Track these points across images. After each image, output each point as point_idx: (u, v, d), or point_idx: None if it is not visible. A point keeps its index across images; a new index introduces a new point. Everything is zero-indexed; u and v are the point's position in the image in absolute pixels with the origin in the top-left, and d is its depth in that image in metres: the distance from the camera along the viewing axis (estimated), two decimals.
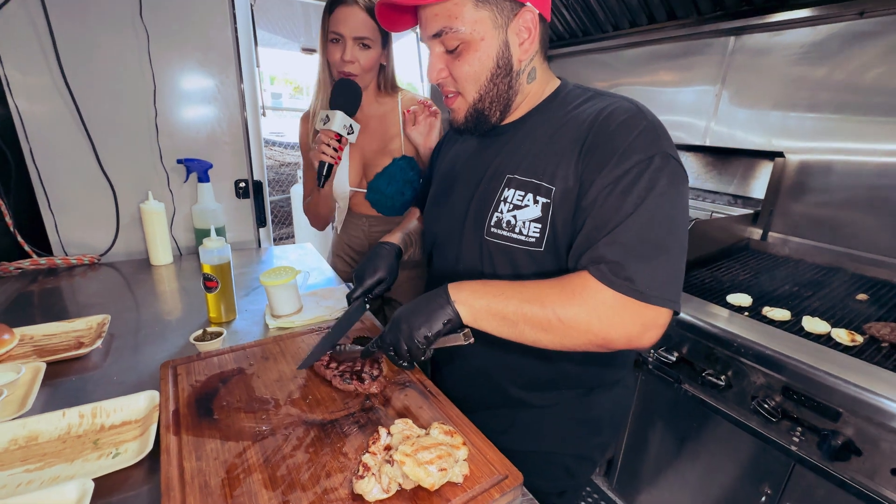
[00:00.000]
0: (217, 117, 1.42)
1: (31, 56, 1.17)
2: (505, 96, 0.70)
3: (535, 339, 0.61)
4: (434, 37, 0.66)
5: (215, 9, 1.32)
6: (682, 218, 0.61)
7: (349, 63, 1.07)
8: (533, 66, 0.71)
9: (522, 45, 0.67)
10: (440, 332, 0.62)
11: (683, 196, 0.62)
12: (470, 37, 0.64)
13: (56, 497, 0.49)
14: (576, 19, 2.22)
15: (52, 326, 0.90)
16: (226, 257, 0.95)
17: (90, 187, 1.31)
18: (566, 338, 0.59)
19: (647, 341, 0.58)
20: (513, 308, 0.60)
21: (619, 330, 0.57)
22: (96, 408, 0.65)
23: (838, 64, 1.48)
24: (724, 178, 1.84)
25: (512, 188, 0.69)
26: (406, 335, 0.63)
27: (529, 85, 0.72)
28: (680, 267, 0.60)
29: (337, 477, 0.54)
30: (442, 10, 0.64)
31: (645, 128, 0.61)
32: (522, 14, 0.65)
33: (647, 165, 0.59)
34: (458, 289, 0.64)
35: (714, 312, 1.18)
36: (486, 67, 0.66)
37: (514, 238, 0.69)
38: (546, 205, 0.65)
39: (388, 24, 0.74)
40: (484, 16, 0.63)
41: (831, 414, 0.94)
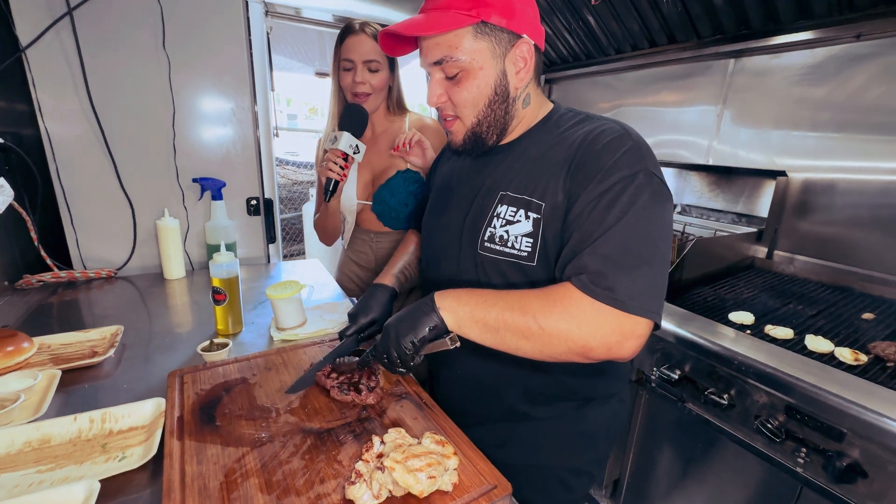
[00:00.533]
0: (232, 138, 1.49)
1: (62, 82, 1.26)
2: (501, 121, 0.74)
3: (517, 347, 0.63)
4: (435, 64, 0.70)
5: (232, 37, 1.41)
6: (663, 233, 0.63)
7: (360, 84, 1.16)
8: (528, 93, 0.75)
9: (519, 73, 0.71)
10: (426, 338, 0.65)
11: (666, 212, 0.64)
12: (469, 65, 0.68)
13: (65, 496, 0.52)
14: (579, 44, 2.29)
15: (69, 336, 0.95)
16: (234, 272, 0.99)
17: (110, 205, 1.38)
18: (546, 346, 0.61)
19: (626, 351, 0.60)
20: (494, 315, 0.62)
21: (598, 338, 0.59)
22: (106, 413, 0.68)
23: (838, 85, 1.50)
24: (727, 196, 1.85)
25: (505, 204, 0.72)
26: (394, 342, 0.66)
27: (524, 109, 0.76)
28: (661, 280, 0.61)
29: (330, 483, 0.56)
30: (443, 41, 0.68)
31: (630, 147, 0.64)
32: (519, 45, 0.69)
33: (631, 182, 0.62)
34: (443, 296, 0.67)
35: (716, 330, 1.17)
36: (484, 94, 0.70)
37: (506, 252, 0.71)
38: (537, 220, 0.68)
39: (390, 50, 0.78)
40: (483, 46, 0.67)
41: (835, 434, 0.92)
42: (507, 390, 0.82)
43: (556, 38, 2.33)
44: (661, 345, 1.25)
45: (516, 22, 0.67)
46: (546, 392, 0.81)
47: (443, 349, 0.66)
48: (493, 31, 0.67)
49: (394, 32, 0.70)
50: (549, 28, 2.27)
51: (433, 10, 0.68)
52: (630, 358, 0.61)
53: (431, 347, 0.66)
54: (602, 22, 2.04)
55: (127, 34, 1.29)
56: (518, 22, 0.67)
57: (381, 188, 1.27)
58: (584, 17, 2.08)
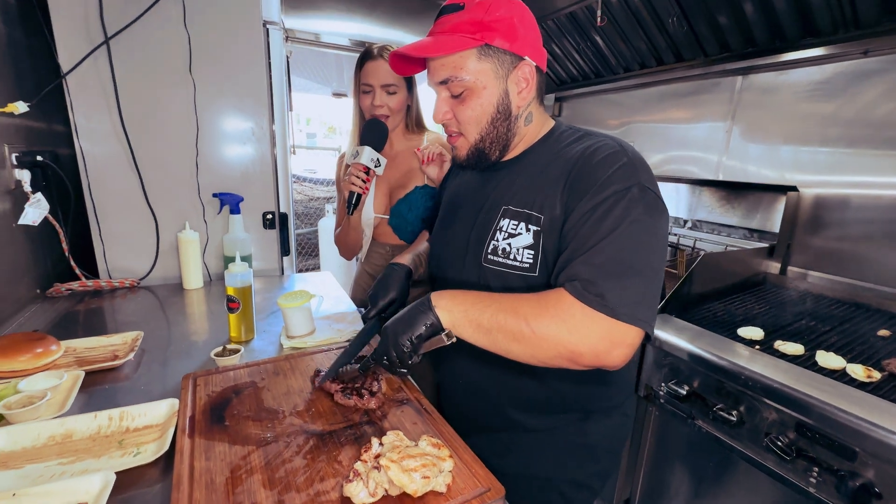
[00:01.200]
0: (251, 156, 1.57)
1: (96, 105, 1.35)
2: (504, 138, 0.77)
3: (508, 349, 0.64)
4: (441, 83, 0.74)
5: (254, 62, 1.50)
6: (657, 245, 0.64)
7: (379, 107, 1.24)
8: (530, 111, 0.78)
9: (521, 93, 0.74)
10: (422, 335, 0.67)
11: (660, 226, 0.66)
12: (473, 85, 0.72)
13: (83, 486, 0.56)
14: (588, 63, 2.34)
15: (93, 340, 1.00)
16: (248, 281, 1.04)
17: (136, 218, 1.46)
18: (537, 349, 0.62)
19: (615, 359, 0.61)
20: (488, 316, 0.64)
21: (587, 344, 0.60)
22: (124, 412, 0.72)
23: (847, 100, 1.50)
24: (738, 212, 1.83)
25: (507, 218, 0.75)
26: (392, 341, 0.68)
27: (526, 127, 0.79)
28: (653, 290, 0.63)
29: (329, 481, 0.58)
30: (448, 62, 0.72)
31: (625, 163, 0.67)
32: (521, 67, 0.72)
33: (624, 195, 0.64)
34: (439, 296, 0.69)
35: (723, 345, 1.16)
36: (487, 112, 0.74)
37: (509, 264, 0.74)
38: (537, 233, 0.71)
39: (400, 70, 0.82)
40: (486, 67, 0.71)
41: (848, 454, 0.90)
42: (505, 399, 0.83)
43: (565, 59, 2.39)
44: (668, 360, 1.25)
45: (518, 45, 0.71)
46: (545, 402, 0.81)
47: (439, 346, 0.68)
48: (497, 53, 0.71)
49: (403, 54, 0.74)
50: (559, 48, 2.33)
51: (440, 34, 0.72)
52: (619, 366, 0.62)
53: (429, 345, 0.68)
54: (610, 42, 2.09)
55: (157, 60, 1.38)
56: (520, 45, 0.71)
57: (399, 202, 1.32)
58: (591, 38, 2.14)
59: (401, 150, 1.36)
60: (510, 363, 0.68)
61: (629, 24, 1.89)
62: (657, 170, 2.16)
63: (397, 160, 1.35)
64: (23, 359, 0.84)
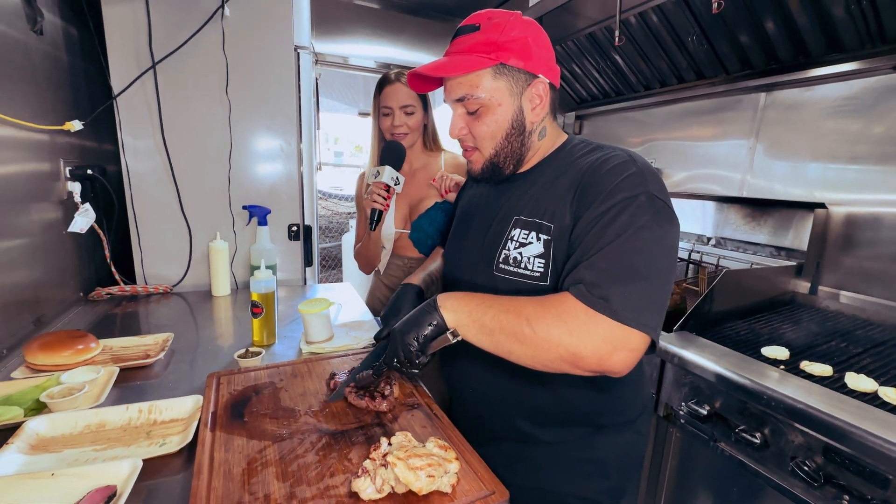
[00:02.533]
0: (279, 171, 1.66)
1: (141, 123, 1.47)
2: (518, 152, 0.79)
3: (510, 351, 0.65)
4: (457, 100, 0.77)
5: (285, 84, 1.60)
6: (664, 253, 0.64)
7: (399, 126, 1.31)
8: (543, 126, 0.80)
9: (534, 109, 0.77)
10: (427, 335, 0.68)
11: (668, 234, 0.66)
12: (489, 102, 0.74)
13: (113, 470, 0.60)
14: (608, 82, 2.36)
15: (128, 340, 1.07)
16: (271, 288, 1.09)
17: (172, 229, 1.55)
18: (538, 350, 0.62)
19: (617, 364, 0.60)
20: (491, 317, 0.65)
21: (588, 346, 0.60)
22: (152, 406, 0.77)
23: (876, 117, 1.46)
24: (764, 229, 1.79)
25: (518, 228, 0.77)
26: (400, 342, 0.69)
27: (540, 141, 0.81)
28: (659, 297, 0.63)
29: (339, 477, 0.60)
30: (465, 80, 0.74)
31: (633, 172, 0.68)
32: (535, 84, 0.75)
33: (632, 202, 0.65)
34: (445, 297, 0.71)
35: (745, 364, 1.13)
36: (502, 128, 0.76)
37: (520, 273, 0.75)
38: (547, 241, 0.72)
39: (417, 87, 0.84)
40: (501, 85, 0.74)
41: (880, 481, 0.85)
42: (515, 410, 0.83)
43: (585, 78, 2.42)
44: (689, 378, 1.22)
45: (533, 63, 0.73)
46: (554, 414, 0.81)
47: (445, 345, 0.69)
48: (511, 71, 0.73)
49: (421, 73, 0.76)
50: (579, 68, 2.37)
51: (457, 53, 0.75)
52: (622, 372, 0.61)
53: (436, 345, 0.69)
54: (630, 61, 2.11)
55: (197, 82, 1.49)
56: (534, 63, 0.74)
57: (420, 217, 1.37)
58: (611, 57, 2.16)
59: (419, 167, 1.42)
60: (520, 373, 0.68)
61: (648, 44, 1.92)
62: (680, 187, 2.13)
63: (416, 177, 1.41)
64: (65, 354, 0.91)
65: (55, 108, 1.27)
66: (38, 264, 1.18)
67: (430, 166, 1.41)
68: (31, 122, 1.12)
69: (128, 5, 1.38)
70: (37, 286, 1.17)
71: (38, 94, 1.20)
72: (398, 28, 2.46)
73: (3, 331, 1.01)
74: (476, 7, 2.50)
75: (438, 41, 2.57)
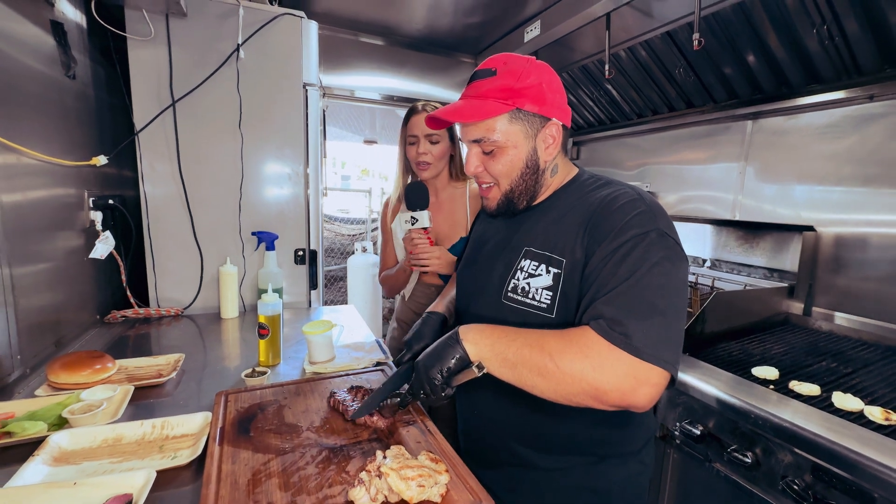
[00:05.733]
0: (286, 198, 1.74)
1: (160, 155, 1.57)
2: (532, 189, 0.82)
3: (533, 385, 0.65)
4: (473, 142, 0.79)
5: (293, 117, 1.70)
6: (678, 289, 0.66)
7: (423, 154, 1.32)
8: (556, 163, 0.83)
9: (548, 149, 0.79)
10: (451, 369, 0.69)
11: (679, 270, 0.67)
12: (504, 144, 0.77)
13: (129, 480, 0.65)
14: (603, 110, 2.46)
15: (141, 360, 1.13)
16: (277, 310, 1.15)
17: (184, 254, 1.63)
18: (561, 384, 0.63)
19: (640, 399, 0.61)
20: (514, 350, 0.66)
21: (612, 382, 0.61)
22: (165, 422, 0.82)
23: (858, 142, 1.53)
24: (757, 251, 1.83)
25: (528, 259, 0.79)
26: (424, 376, 0.71)
27: (552, 178, 0.84)
28: (676, 332, 0.64)
29: (337, 488, 0.65)
30: (482, 124, 0.76)
31: (643, 210, 0.70)
32: (549, 126, 0.77)
33: (643, 239, 0.67)
34: (466, 330, 0.72)
35: (735, 384, 1.16)
36: (517, 167, 0.79)
37: (527, 303, 0.77)
38: (557, 275, 0.74)
39: (434, 125, 0.85)
40: (517, 129, 0.76)
41: (865, 498, 0.87)
42: (515, 435, 0.83)
43: (581, 106, 2.53)
44: (682, 399, 1.24)
45: (547, 108, 0.76)
46: (555, 442, 0.81)
47: (471, 377, 0.70)
48: (527, 116, 0.76)
49: (438, 118, 0.79)
50: (575, 97, 2.48)
51: (473, 98, 0.77)
52: (646, 407, 0.62)
53: (459, 378, 0.71)
54: (622, 91, 2.21)
55: (212, 117, 1.60)
56: (549, 108, 0.76)
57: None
58: (605, 88, 2.27)
59: (445, 198, 1.43)
60: (525, 399, 0.68)
61: (639, 75, 2.01)
62: (673, 209, 2.19)
63: (443, 207, 1.42)
64: (85, 373, 0.97)
65: (83, 143, 1.38)
66: (60, 288, 1.25)
67: (456, 196, 1.42)
68: (61, 159, 1.22)
69: (152, 49, 1.50)
70: (59, 309, 1.24)
71: (68, 130, 1.31)
72: (401, 62, 2.60)
73: (28, 351, 1.08)
74: (473, 44, 2.65)
75: (441, 74, 2.71)
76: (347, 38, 2.45)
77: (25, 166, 1.10)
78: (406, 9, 2.18)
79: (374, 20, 2.32)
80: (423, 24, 2.35)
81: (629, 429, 0.83)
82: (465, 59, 2.73)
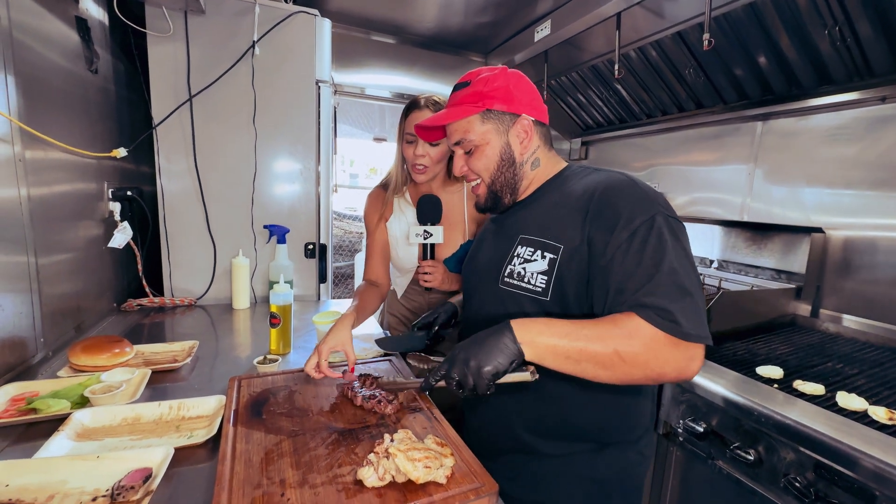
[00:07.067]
0: (298, 193, 1.78)
1: (176, 149, 1.61)
2: (512, 181, 0.89)
3: (595, 375, 0.70)
4: (456, 144, 0.89)
5: (306, 113, 1.73)
6: (692, 264, 0.72)
7: (420, 157, 1.23)
8: (536, 157, 0.90)
9: (522, 142, 0.87)
10: (507, 370, 0.70)
11: (687, 246, 0.74)
12: (480, 142, 0.86)
13: (149, 455, 0.68)
14: (612, 111, 2.46)
15: (158, 346, 1.17)
16: (289, 300, 1.18)
17: (198, 246, 1.67)
18: (626, 374, 0.68)
19: (692, 372, 0.69)
20: (578, 347, 0.68)
21: (672, 366, 0.67)
22: (181, 403, 0.86)
23: (869, 144, 1.52)
24: (765, 253, 1.83)
25: (523, 245, 0.84)
26: (474, 371, 0.69)
27: (534, 171, 0.90)
28: (703, 306, 0.70)
29: (346, 468, 0.67)
30: (459, 127, 0.87)
31: (640, 195, 0.75)
32: (519, 121, 0.85)
33: (652, 224, 0.71)
34: (523, 328, 0.71)
35: (739, 383, 1.16)
36: (493, 162, 0.87)
37: (522, 287, 0.82)
38: (552, 260, 0.78)
39: (425, 137, 0.99)
40: (489, 128, 0.85)
41: (867, 496, 0.88)
42: (520, 421, 0.86)
43: (590, 106, 2.53)
44: (686, 396, 1.25)
45: (515, 105, 0.84)
46: (559, 428, 0.84)
47: (521, 381, 0.71)
48: (497, 115, 0.85)
49: (423, 126, 0.92)
50: (584, 97, 2.48)
51: (451, 106, 0.88)
52: (692, 377, 0.70)
53: (508, 378, 0.70)
54: (631, 91, 2.21)
55: (227, 113, 1.64)
56: (517, 105, 0.85)
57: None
58: (614, 88, 2.27)
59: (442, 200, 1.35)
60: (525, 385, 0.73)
61: (649, 76, 2.02)
62: (681, 211, 2.19)
63: None
64: (104, 356, 1.01)
65: (103, 136, 1.42)
66: (81, 277, 1.30)
67: (454, 199, 1.36)
68: (85, 150, 1.26)
69: (170, 45, 1.54)
70: (79, 296, 1.28)
71: (90, 123, 1.35)
72: (412, 60, 2.62)
73: (50, 335, 1.12)
74: (483, 43, 2.67)
75: (451, 72, 2.73)
76: (359, 36, 2.48)
77: (51, 161, 1.15)
78: (417, 8, 2.20)
79: (386, 19, 2.35)
80: (434, 24, 2.38)
81: (627, 415, 0.86)
82: (475, 58, 2.75)
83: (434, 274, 1.26)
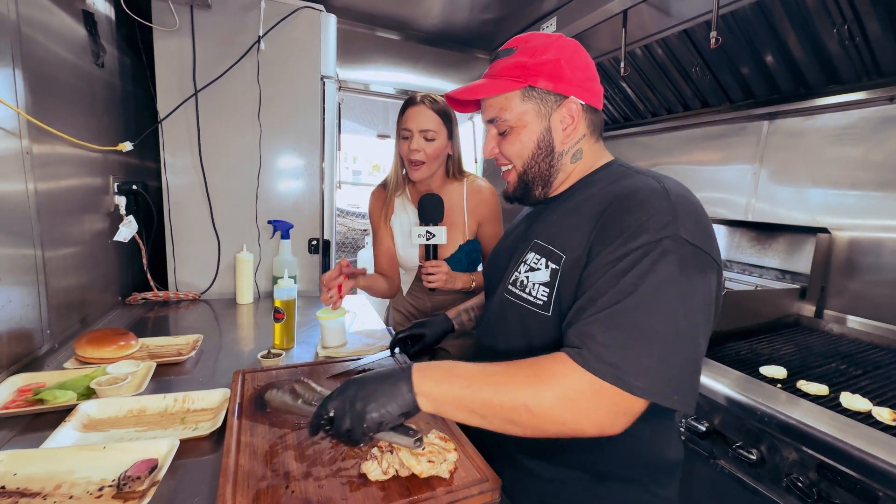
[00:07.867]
0: (302, 189, 1.78)
1: (182, 144, 1.62)
2: (546, 173, 0.77)
3: (505, 430, 0.59)
4: (489, 122, 0.78)
5: (310, 109, 1.74)
6: (691, 309, 0.57)
7: (415, 151, 1.22)
8: (579, 148, 0.76)
9: (566, 130, 0.74)
10: (394, 422, 0.59)
11: (698, 287, 0.58)
12: (516, 124, 0.74)
13: (154, 446, 0.69)
14: (618, 109, 2.45)
15: (162, 339, 1.18)
16: (293, 296, 1.19)
17: (203, 240, 1.68)
18: (537, 430, 0.57)
19: (616, 429, 0.57)
20: (481, 399, 0.58)
21: (592, 420, 0.56)
22: (186, 396, 0.86)
23: (875, 145, 1.51)
24: (769, 252, 1.82)
25: (533, 251, 0.74)
26: (356, 414, 0.58)
27: (573, 164, 0.77)
28: (678, 358, 0.56)
29: (350, 461, 0.68)
30: (495, 102, 0.75)
31: (663, 209, 0.61)
32: (566, 104, 0.72)
33: (654, 248, 0.58)
34: (422, 376, 0.60)
35: (742, 382, 1.16)
36: (528, 148, 0.75)
37: (524, 298, 0.73)
38: (555, 271, 0.69)
39: (458, 107, 0.84)
40: (529, 108, 0.73)
41: (870, 496, 0.88)
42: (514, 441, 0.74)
43: None
44: None
45: (564, 85, 0.72)
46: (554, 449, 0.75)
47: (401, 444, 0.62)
48: (541, 94, 0.72)
49: (453, 97, 0.79)
50: None
51: (490, 76, 0.76)
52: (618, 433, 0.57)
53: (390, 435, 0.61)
54: (637, 90, 2.20)
55: (232, 108, 1.64)
56: (566, 85, 0.72)
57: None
58: (619, 86, 2.26)
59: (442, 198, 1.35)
60: None
61: (654, 74, 2.01)
62: None
63: None
64: (110, 349, 1.02)
65: (110, 131, 1.43)
66: (86, 270, 1.30)
67: (453, 197, 1.35)
68: (91, 143, 1.26)
69: (176, 40, 1.55)
70: (84, 289, 1.29)
71: (96, 117, 1.35)
72: (416, 57, 2.62)
73: (56, 327, 1.13)
74: (489, 40, 2.66)
75: (456, 69, 2.72)
76: (364, 32, 2.48)
77: (58, 155, 1.15)
78: (423, 4, 2.20)
79: (391, 15, 2.34)
80: (439, 20, 2.37)
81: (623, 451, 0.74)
82: (480, 55, 2.75)
83: (437, 275, 1.23)
